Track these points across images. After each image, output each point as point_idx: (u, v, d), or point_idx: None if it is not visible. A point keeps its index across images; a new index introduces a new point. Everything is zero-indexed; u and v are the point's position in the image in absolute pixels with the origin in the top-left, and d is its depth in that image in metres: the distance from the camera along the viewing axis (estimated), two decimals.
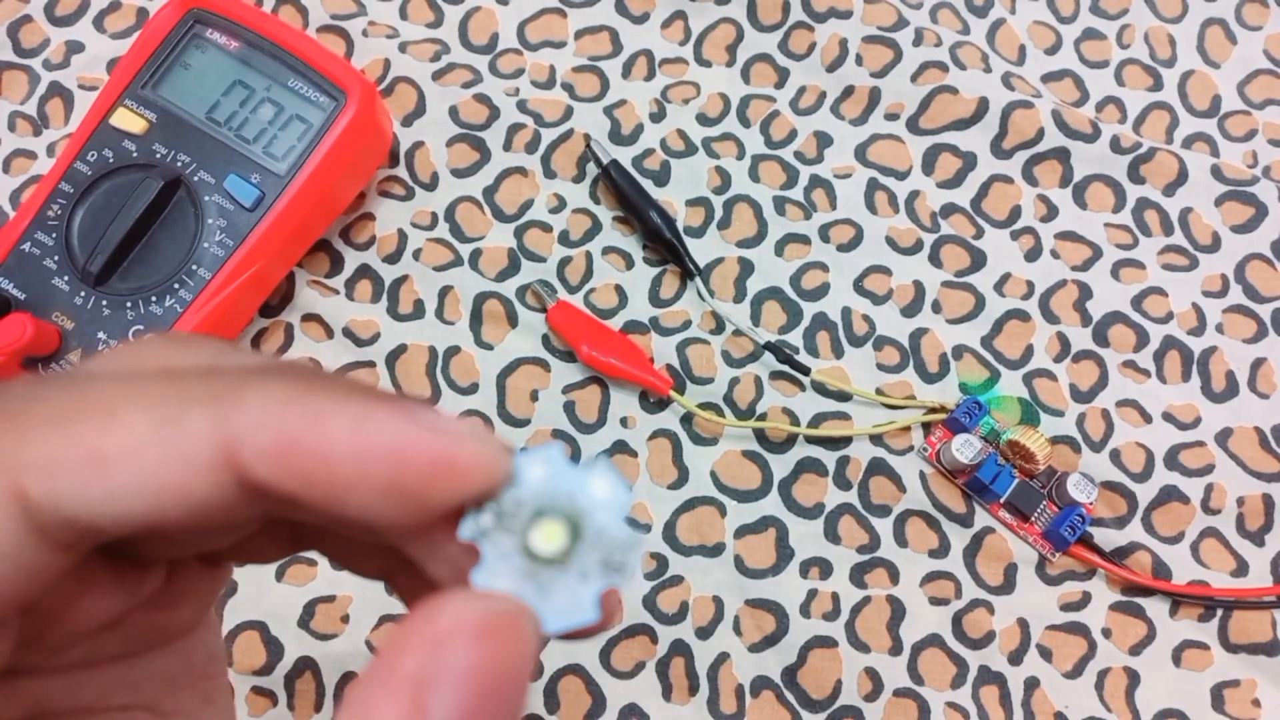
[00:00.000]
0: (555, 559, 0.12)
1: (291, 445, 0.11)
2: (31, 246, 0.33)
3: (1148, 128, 0.39)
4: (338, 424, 0.11)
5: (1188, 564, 0.34)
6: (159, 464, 0.11)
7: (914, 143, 0.39)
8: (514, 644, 0.11)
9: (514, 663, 0.11)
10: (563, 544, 0.12)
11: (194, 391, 0.11)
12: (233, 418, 0.11)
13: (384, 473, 0.11)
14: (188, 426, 0.11)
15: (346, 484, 0.11)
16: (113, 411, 0.11)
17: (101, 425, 0.11)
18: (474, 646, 0.10)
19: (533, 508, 0.12)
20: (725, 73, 0.40)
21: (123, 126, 0.34)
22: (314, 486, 0.11)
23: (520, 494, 0.12)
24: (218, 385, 0.11)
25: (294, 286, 0.37)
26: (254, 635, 0.33)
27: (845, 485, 0.35)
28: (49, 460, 0.11)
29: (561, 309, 0.36)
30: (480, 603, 0.11)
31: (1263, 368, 0.36)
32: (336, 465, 0.11)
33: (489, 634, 0.11)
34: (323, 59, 0.34)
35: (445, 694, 0.10)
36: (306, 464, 0.11)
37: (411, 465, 0.11)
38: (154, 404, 0.11)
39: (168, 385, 0.11)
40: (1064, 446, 0.35)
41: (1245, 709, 0.33)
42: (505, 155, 0.38)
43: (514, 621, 0.11)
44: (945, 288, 0.37)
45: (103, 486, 0.11)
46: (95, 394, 0.11)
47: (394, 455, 0.11)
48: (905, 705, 0.33)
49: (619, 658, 0.33)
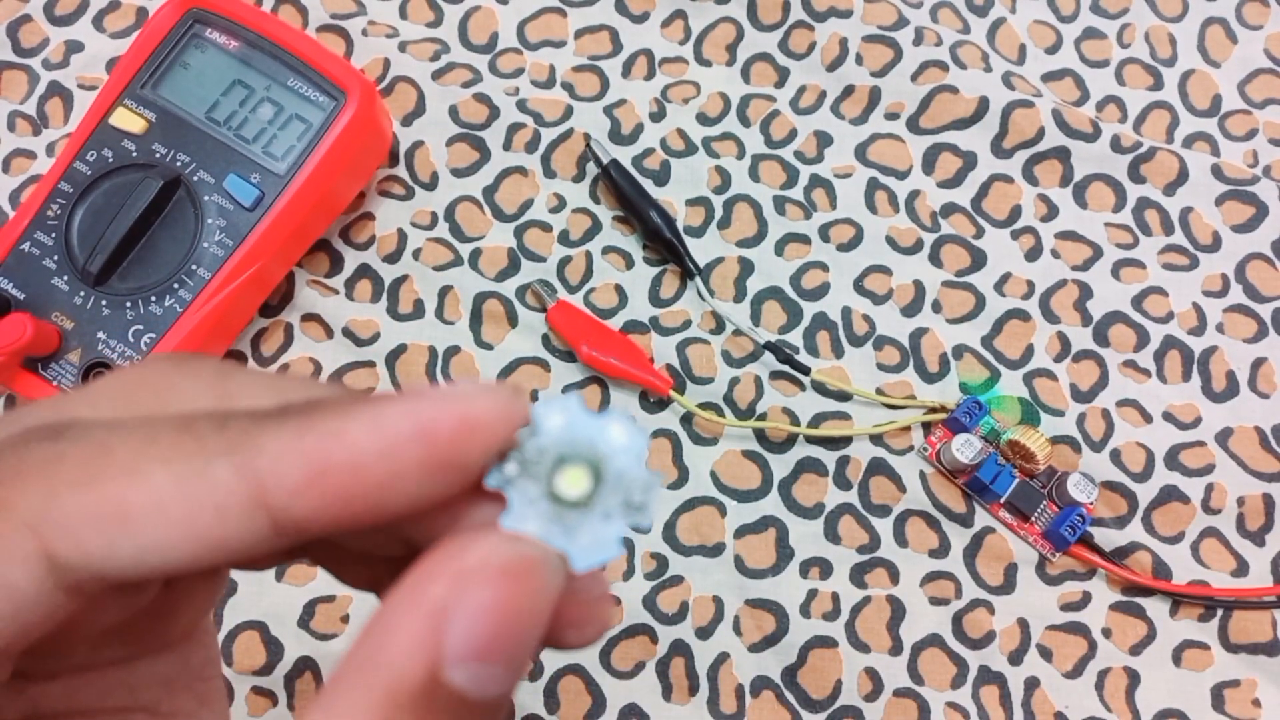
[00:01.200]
0: (579, 502, 0.12)
1: (320, 470, 0.11)
2: (31, 246, 0.33)
3: (1148, 127, 0.39)
4: (356, 432, 0.11)
5: (1188, 564, 0.34)
6: (188, 517, 0.11)
7: (914, 142, 0.39)
8: (533, 588, 0.11)
9: (530, 605, 0.11)
10: (586, 487, 0.12)
11: (212, 443, 0.11)
12: (254, 463, 0.11)
13: (415, 455, 0.11)
14: (212, 477, 0.11)
15: (383, 482, 0.11)
16: (135, 470, 0.11)
17: (126, 484, 0.11)
18: (496, 585, 0.11)
19: (555, 455, 0.12)
20: (725, 72, 0.40)
21: (122, 126, 0.34)
22: (353, 500, 0.11)
23: (542, 442, 0.12)
24: (233, 433, 0.11)
25: (294, 286, 0.37)
26: (254, 635, 0.33)
27: (845, 485, 0.35)
28: (77, 521, 0.11)
29: (561, 309, 0.36)
30: (507, 545, 0.11)
31: (1263, 367, 0.36)
32: (369, 469, 0.11)
33: (511, 575, 0.11)
34: (322, 59, 0.34)
35: (463, 624, 0.11)
36: (340, 480, 0.11)
37: (438, 437, 0.11)
38: (175, 459, 0.11)
39: (184, 437, 0.11)
40: (1064, 446, 0.35)
41: (1245, 709, 0.33)
42: (505, 155, 0.38)
43: (536, 566, 0.11)
44: (945, 287, 0.37)
45: (131, 543, 0.11)
46: (116, 451, 0.11)
47: (420, 435, 0.11)
48: (905, 705, 0.33)
49: (619, 658, 0.33)
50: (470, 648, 0.11)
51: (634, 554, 0.34)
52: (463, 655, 0.11)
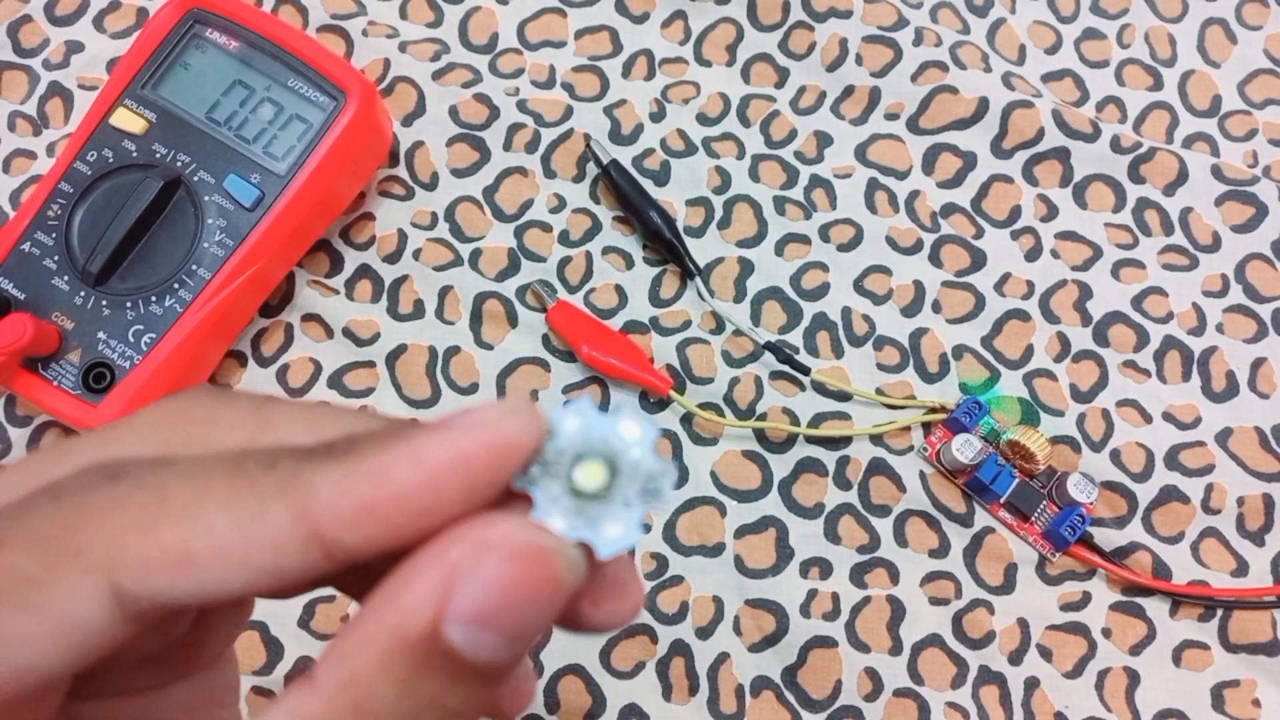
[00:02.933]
0: (598, 494, 0.13)
1: (370, 507, 0.12)
2: (31, 246, 0.33)
3: (1148, 127, 0.39)
4: (400, 469, 0.12)
5: (1188, 564, 0.34)
6: (248, 556, 0.12)
7: (914, 142, 0.39)
8: (542, 574, 0.12)
9: (536, 589, 0.12)
10: (603, 481, 0.13)
11: (264, 487, 0.12)
12: (309, 505, 0.12)
13: (456, 483, 0.12)
14: (269, 521, 0.12)
15: (427, 509, 0.12)
16: (194, 515, 0.12)
17: (188, 529, 0.12)
18: (508, 561, 0.12)
19: (573, 454, 0.13)
20: (725, 72, 0.40)
21: (122, 126, 0.34)
22: (400, 526, 0.12)
23: (560, 444, 0.13)
24: (283, 474, 0.12)
25: (294, 286, 0.37)
26: (254, 635, 0.33)
27: (845, 485, 0.35)
28: (144, 562, 0.12)
29: (561, 309, 0.36)
30: (527, 530, 0.12)
31: (1263, 368, 0.36)
32: (414, 501, 0.12)
33: (523, 558, 0.12)
34: (323, 59, 0.34)
35: (470, 587, 0.12)
36: (389, 513, 0.12)
37: (475, 464, 0.12)
38: (232, 503, 0.12)
39: (238, 480, 0.12)
40: (1064, 446, 0.35)
41: (1245, 709, 0.33)
42: (505, 155, 0.38)
43: (550, 555, 0.12)
44: (945, 287, 0.37)
45: (195, 581, 0.12)
46: (174, 495, 0.12)
47: (459, 464, 0.12)
48: (905, 705, 0.33)
49: (619, 658, 0.33)
50: (471, 611, 0.12)
51: (634, 554, 0.34)
52: (463, 617, 0.12)
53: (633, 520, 0.13)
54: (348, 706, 0.12)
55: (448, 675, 0.12)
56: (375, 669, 0.12)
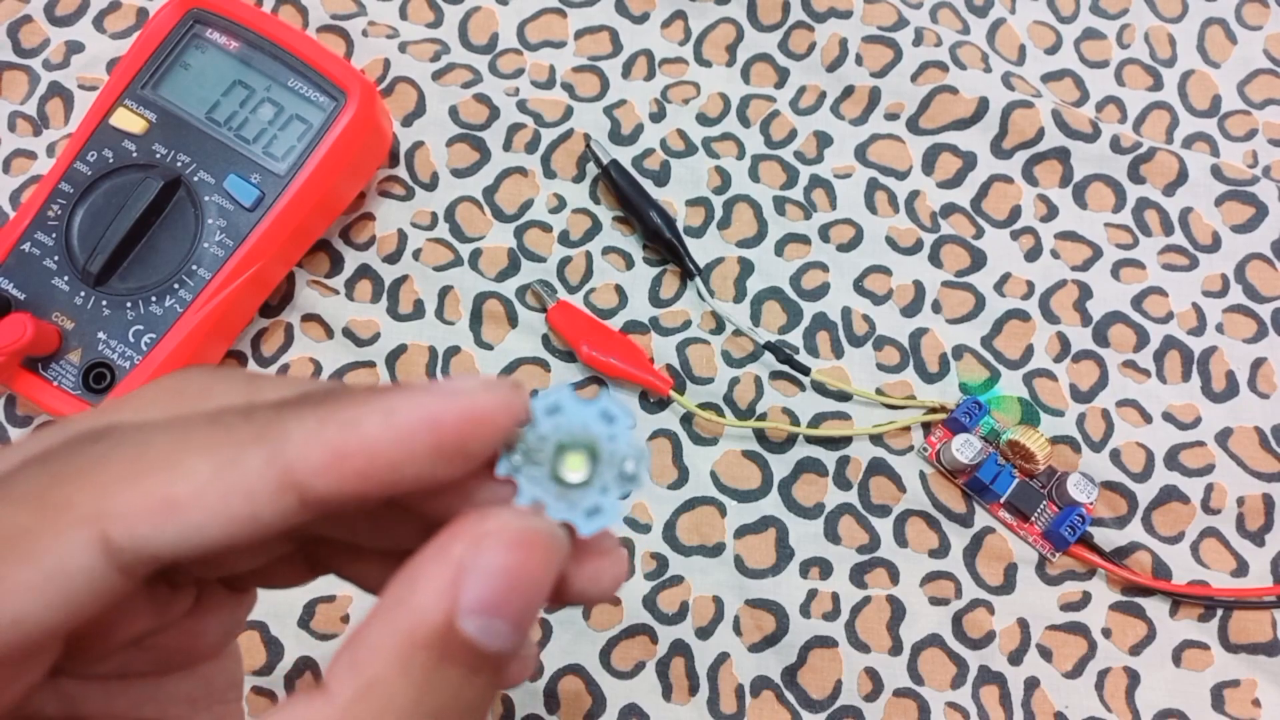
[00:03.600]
0: (580, 482, 0.14)
1: (340, 455, 0.13)
2: (31, 246, 0.33)
3: (1148, 127, 0.39)
4: (371, 422, 0.13)
5: (1188, 564, 0.34)
6: (225, 501, 0.12)
7: (914, 143, 0.39)
8: (538, 556, 0.13)
9: (535, 571, 0.13)
10: (584, 468, 0.14)
11: (242, 434, 0.13)
12: (283, 449, 0.12)
13: (424, 443, 0.13)
14: (245, 465, 0.12)
15: (396, 464, 0.13)
16: (175, 463, 0.13)
17: (169, 476, 0.12)
18: (507, 550, 0.13)
19: (555, 442, 0.14)
20: (725, 73, 0.40)
21: (123, 126, 0.34)
22: (370, 478, 0.13)
23: (542, 431, 0.14)
24: (260, 423, 0.13)
25: (294, 286, 0.37)
26: (254, 635, 0.33)
27: (845, 485, 0.35)
28: (129, 511, 0.12)
29: (561, 309, 0.36)
30: (519, 518, 0.13)
31: (1263, 368, 0.36)
32: (383, 454, 0.13)
33: (520, 544, 0.13)
34: (323, 59, 0.34)
35: (478, 580, 0.12)
36: (358, 464, 0.13)
37: (445, 428, 0.13)
38: (210, 450, 0.13)
39: (217, 431, 0.13)
40: (1064, 446, 0.35)
41: (1245, 709, 0.33)
42: (505, 155, 0.38)
43: (542, 538, 0.13)
44: (945, 288, 0.37)
45: (178, 527, 0.12)
46: (156, 447, 0.13)
47: (428, 426, 0.13)
48: (905, 705, 0.33)
49: (619, 658, 0.33)
50: (482, 602, 0.12)
51: (634, 554, 0.34)
52: (475, 608, 0.12)
53: (610, 502, 0.14)
54: (367, 712, 0.12)
55: (466, 667, 0.13)
56: (394, 672, 0.12)
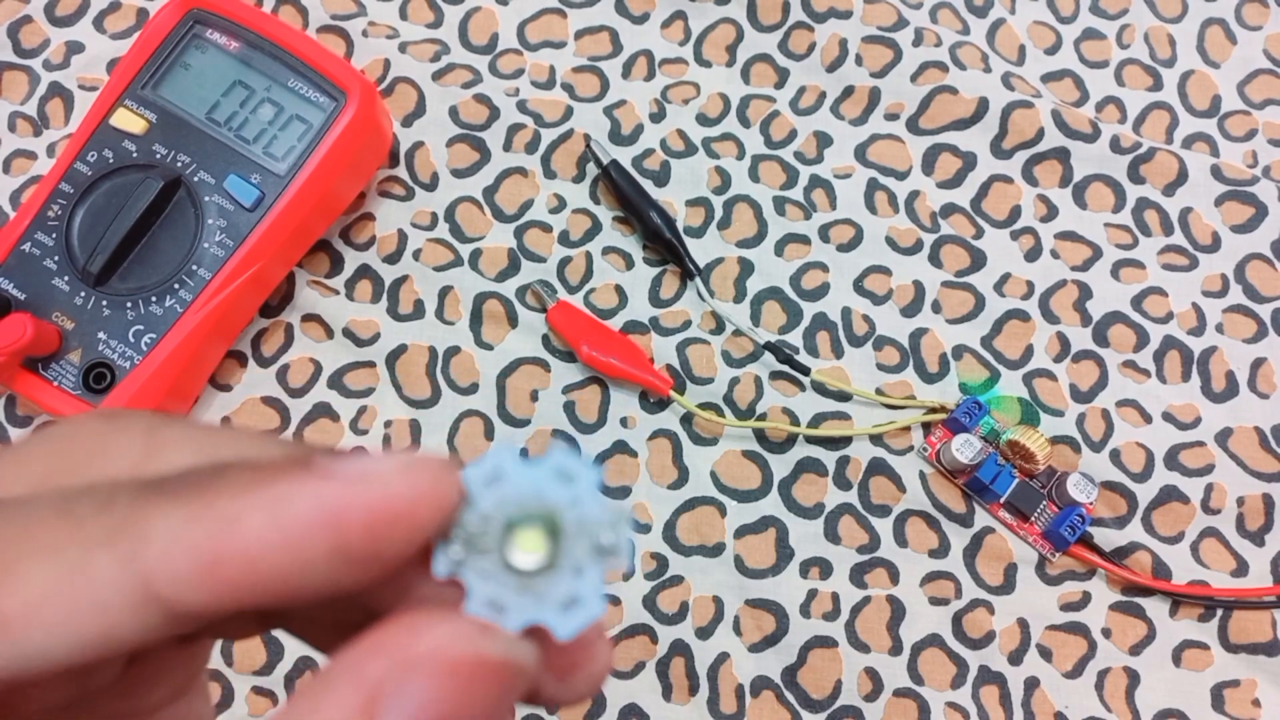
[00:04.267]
0: (543, 565, 0.11)
1: (210, 562, 0.10)
2: (31, 247, 0.33)
3: (1148, 128, 0.39)
4: (252, 520, 0.10)
5: (1188, 564, 0.34)
6: (69, 617, 0.10)
7: (914, 143, 0.39)
8: (485, 689, 0.10)
9: (481, 709, 0.10)
10: (544, 547, 0.11)
11: (92, 532, 0.10)
12: (140, 553, 0.10)
13: (321, 547, 0.10)
14: (93, 572, 0.10)
15: (285, 574, 0.10)
16: (9, 568, 0.10)
17: (3, 582, 0.10)
18: (442, 682, 0.10)
19: (501, 520, 0.11)
20: (725, 73, 0.40)
21: (123, 127, 0.34)
22: (253, 589, 0.10)
23: (483, 509, 0.11)
24: (117, 516, 0.10)
25: (294, 286, 0.37)
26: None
27: (845, 485, 0.35)
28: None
29: (561, 309, 0.36)
30: (463, 638, 0.10)
31: (1263, 368, 0.36)
32: (266, 562, 0.10)
33: (460, 675, 0.10)
34: (323, 59, 0.34)
35: (396, 716, 0.10)
36: (234, 572, 0.10)
37: (348, 527, 0.10)
38: (52, 554, 0.10)
39: (63, 524, 0.10)
40: (1064, 446, 0.35)
41: (1245, 709, 0.33)
42: (505, 155, 0.38)
43: (493, 664, 0.10)
44: (945, 288, 0.37)
45: (11, 648, 0.10)
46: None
47: (326, 524, 0.10)
48: (905, 705, 0.33)
49: (619, 658, 0.33)
50: None
51: (634, 554, 0.34)
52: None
53: (590, 588, 0.11)
54: None
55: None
56: None
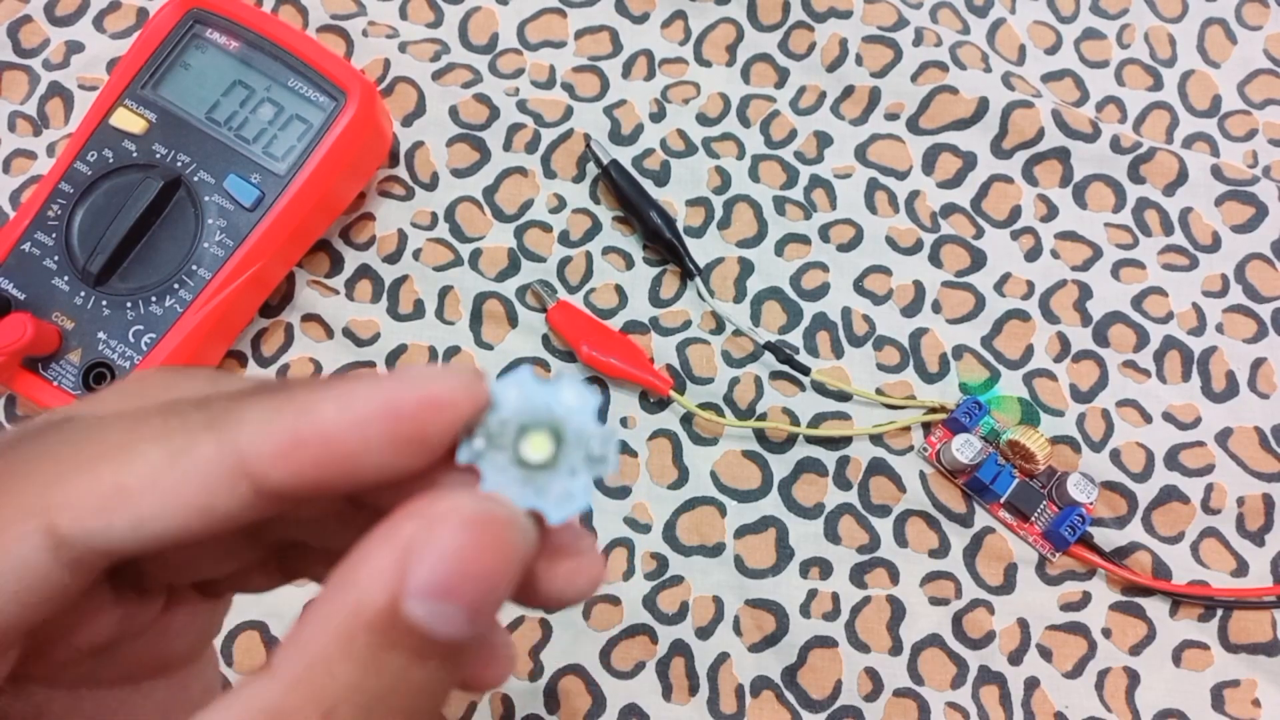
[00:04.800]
0: (545, 464, 0.13)
1: (293, 442, 0.12)
2: (31, 246, 0.33)
3: (1148, 128, 0.39)
4: (325, 408, 0.12)
5: (1188, 564, 0.34)
6: (177, 490, 0.12)
7: (914, 143, 0.39)
8: (495, 539, 0.12)
9: (493, 554, 0.12)
10: (549, 450, 0.13)
11: (194, 421, 0.12)
12: (235, 437, 0.12)
13: (382, 430, 0.12)
14: (197, 453, 0.12)
15: (353, 452, 0.12)
16: (128, 449, 0.12)
17: (120, 464, 0.12)
18: (460, 533, 0.12)
19: (516, 424, 0.13)
20: (725, 73, 0.40)
21: (123, 126, 0.34)
22: (326, 467, 0.12)
23: (503, 415, 0.13)
24: (214, 411, 0.13)
25: (294, 286, 0.37)
26: (254, 635, 0.33)
27: (845, 485, 0.35)
28: (78, 500, 0.12)
29: (561, 309, 0.36)
30: (476, 499, 0.12)
31: (1263, 368, 0.36)
32: (339, 441, 0.12)
33: (475, 525, 0.12)
34: (323, 59, 0.34)
35: (426, 563, 0.12)
36: (313, 452, 0.12)
37: (402, 414, 0.12)
38: (163, 438, 0.12)
39: (170, 419, 0.13)
40: (1064, 446, 0.35)
41: (1245, 709, 0.33)
42: (505, 155, 0.38)
43: (500, 522, 0.12)
44: (945, 288, 0.37)
45: (128, 516, 0.12)
46: (111, 435, 0.12)
47: (385, 412, 0.12)
48: (905, 705, 0.33)
49: (619, 658, 0.33)
50: (430, 584, 0.12)
51: (634, 554, 0.34)
52: (422, 590, 0.12)
53: (579, 486, 0.13)
54: (308, 692, 0.12)
55: (411, 651, 0.12)
56: (336, 653, 0.12)
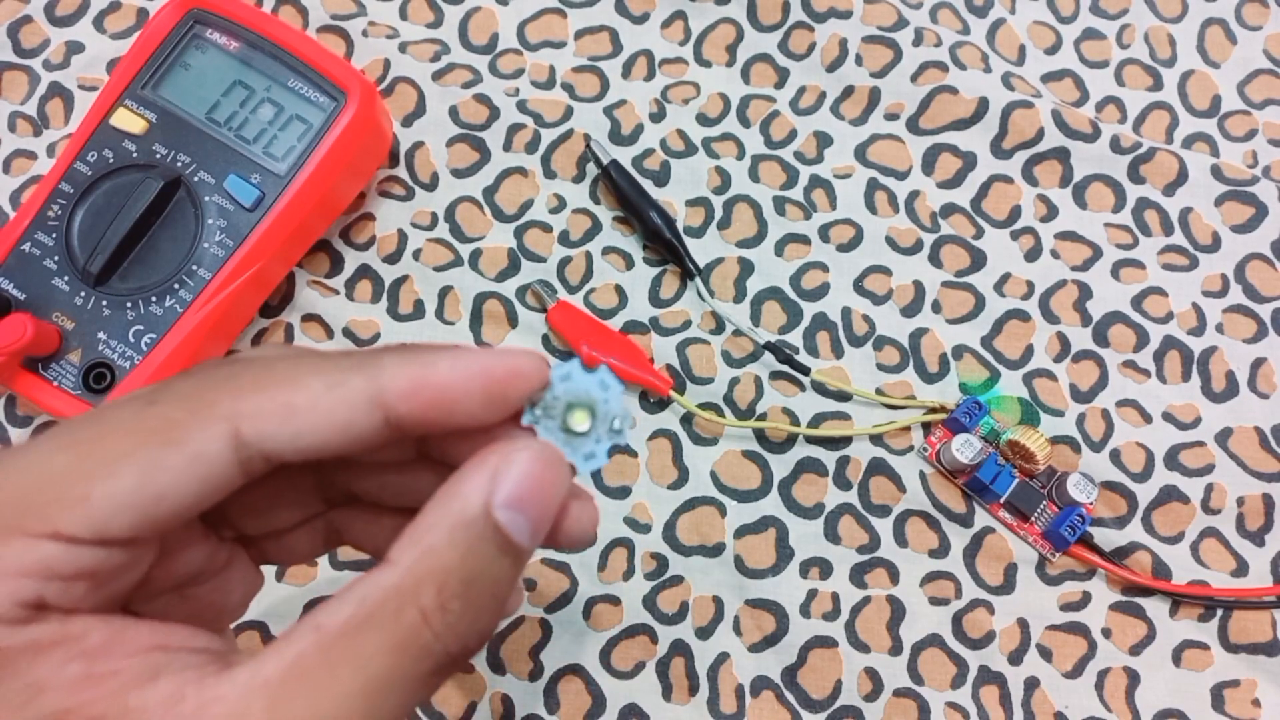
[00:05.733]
0: (582, 432, 0.19)
1: (419, 385, 0.17)
2: (31, 247, 0.33)
3: (1148, 128, 0.39)
4: (441, 365, 0.17)
5: (1188, 564, 0.34)
6: (331, 410, 0.17)
7: (914, 143, 0.39)
8: (551, 470, 0.17)
9: (550, 480, 0.17)
10: (587, 422, 0.19)
11: (346, 364, 0.17)
12: (378, 376, 0.17)
13: (479, 386, 0.17)
14: (348, 385, 0.17)
15: (457, 399, 0.17)
16: (296, 380, 0.17)
17: (290, 389, 0.17)
18: (531, 462, 0.17)
19: (565, 401, 0.19)
20: (725, 73, 0.40)
21: (123, 127, 0.34)
22: (438, 408, 0.17)
23: (557, 393, 0.19)
24: (360, 358, 0.17)
25: (294, 286, 0.37)
26: (254, 635, 0.33)
27: (845, 485, 0.35)
28: (258, 412, 0.16)
29: (561, 309, 0.36)
30: (542, 445, 0.18)
31: (1263, 368, 0.36)
32: (449, 388, 0.17)
33: (540, 459, 0.17)
34: (323, 59, 0.34)
35: (509, 481, 0.17)
36: (431, 393, 0.17)
37: (495, 377, 0.18)
38: (322, 373, 0.17)
39: (327, 361, 0.17)
40: (1064, 446, 0.35)
41: (1245, 709, 0.33)
42: (505, 155, 0.38)
43: (555, 458, 0.18)
44: (945, 288, 0.37)
45: (294, 428, 0.16)
46: (280, 369, 0.17)
47: (483, 374, 0.17)
48: (905, 705, 0.33)
49: (619, 658, 0.33)
50: (510, 498, 0.17)
51: (634, 554, 0.34)
52: (505, 502, 0.17)
53: (602, 450, 0.19)
54: (424, 572, 0.16)
55: (496, 547, 0.17)
56: (444, 543, 0.16)
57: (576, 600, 0.34)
